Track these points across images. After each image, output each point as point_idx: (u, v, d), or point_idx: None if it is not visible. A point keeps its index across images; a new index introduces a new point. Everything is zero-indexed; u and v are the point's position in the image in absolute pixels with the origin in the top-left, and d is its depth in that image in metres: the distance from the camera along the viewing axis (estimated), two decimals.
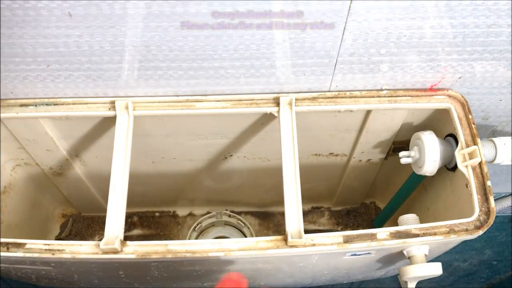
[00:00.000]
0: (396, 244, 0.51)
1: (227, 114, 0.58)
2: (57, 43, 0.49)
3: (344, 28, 0.48)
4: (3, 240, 0.50)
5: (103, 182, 0.77)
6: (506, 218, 1.04)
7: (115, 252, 0.49)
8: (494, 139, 0.58)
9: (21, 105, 0.58)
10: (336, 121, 0.64)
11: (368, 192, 0.88)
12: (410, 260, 0.54)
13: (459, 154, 0.55)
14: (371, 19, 0.48)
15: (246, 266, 0.57)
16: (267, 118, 0.62)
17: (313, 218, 0.92)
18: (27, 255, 0.49)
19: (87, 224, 0.90)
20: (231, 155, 0.73)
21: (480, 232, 0.51)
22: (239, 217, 0.84)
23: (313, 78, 0.56)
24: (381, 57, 0.53)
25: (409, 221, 0.58)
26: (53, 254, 0.49)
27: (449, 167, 0.60)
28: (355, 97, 0.58)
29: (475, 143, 0.55)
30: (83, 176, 0.76)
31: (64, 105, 0.58)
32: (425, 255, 0.54)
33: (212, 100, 0.58)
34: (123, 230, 0.50)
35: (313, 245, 0.50)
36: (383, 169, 0.79)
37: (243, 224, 0.83)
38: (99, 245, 0.49)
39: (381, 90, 0.58)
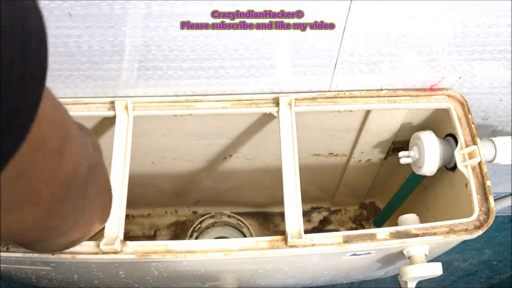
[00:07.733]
0: (396, 244, 0.51)
1: (226, 114, 0.58)
2: (57, 43, 0.49)
3: (344, 28, 0.48)
4: None
5: None
6: (506, 218, 1.04)
7: (115, 252, 0.49)
8: (493, 139, 0.58)
9: None
10: (336, 121, 0.64)
11: (368, 192, 0.88)
12: (410, 260, 0.54)
13: (459, 154, 0.55)
14: (371, 19, 0.48)
15: (246, 266, 0.57)
16: (267, 118, 0.62)
17: (312, 218, 0.92)
18: (27, 255, 0.49)
19: None
20: (230, 156, 0.73)
21: (480, 232, 0.51)
22: (239, 217, 0.83)
23: (313, 78, 0.56)
24: (381, 57, 0.53)
25: (409, 221, 0.58)
26: (52, 254, 0.49)
27: (448, 167, 0.60)
28: (355, 97, 0.58)
29: (474, 143, 0.55)
30: None
31: (64, 105, 0.58)
32: (425, 255, 0.54)
33: (212, 100, 0.58)
34: (123, 230, 0.50)
35: (313, 245, 0.50)
36: (383, 169, 0.79)
37: (242, 225, 0.83)
38: (99, 245, 0.48)
39: (381, 90, 0.58)
